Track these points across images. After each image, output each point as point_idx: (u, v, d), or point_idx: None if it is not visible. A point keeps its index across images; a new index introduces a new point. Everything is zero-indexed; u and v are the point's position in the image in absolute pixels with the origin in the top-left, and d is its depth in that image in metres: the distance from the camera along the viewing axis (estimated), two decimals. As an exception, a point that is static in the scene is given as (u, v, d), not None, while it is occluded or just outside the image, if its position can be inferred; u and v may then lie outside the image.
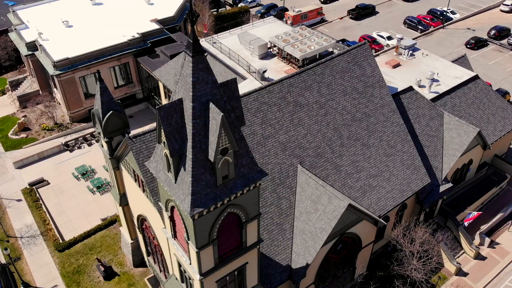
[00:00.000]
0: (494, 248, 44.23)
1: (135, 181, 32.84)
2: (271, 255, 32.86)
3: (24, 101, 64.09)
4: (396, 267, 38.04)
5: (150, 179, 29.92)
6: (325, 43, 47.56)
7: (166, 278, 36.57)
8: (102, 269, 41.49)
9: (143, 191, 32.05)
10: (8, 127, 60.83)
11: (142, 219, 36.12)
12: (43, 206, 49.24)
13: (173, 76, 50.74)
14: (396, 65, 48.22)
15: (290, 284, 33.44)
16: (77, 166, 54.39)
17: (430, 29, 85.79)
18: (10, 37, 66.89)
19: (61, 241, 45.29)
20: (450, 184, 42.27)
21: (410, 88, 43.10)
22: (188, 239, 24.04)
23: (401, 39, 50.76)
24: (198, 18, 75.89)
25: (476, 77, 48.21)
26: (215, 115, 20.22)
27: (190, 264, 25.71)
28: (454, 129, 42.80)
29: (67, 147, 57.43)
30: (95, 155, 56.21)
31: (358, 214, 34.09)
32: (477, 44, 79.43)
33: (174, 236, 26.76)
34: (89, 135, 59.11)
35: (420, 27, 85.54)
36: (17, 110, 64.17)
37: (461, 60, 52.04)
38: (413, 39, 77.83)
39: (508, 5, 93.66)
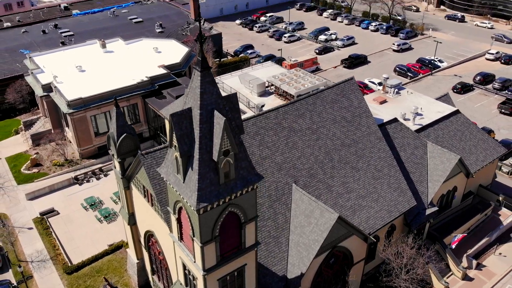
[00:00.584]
0: (481, 270, 46.57)
1: (144, 197, 36.13)
2: (268, 265, 35.55)
3: (37, 139, 68.10)
4: (385, 279, 40.45)
5: (159, 190, 33.29)
6: (317, 82, 52.23)
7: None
8: (109, 288, 43.82)
9: (152, 205, 35.26)
10: (21, 163, 64.52)
11: (149, 235, 39.00)
12: (53, 233, 51.98)
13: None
14: (383, 102, 52.65)
15: (286, 293, 35.88)
16: (85, 197, 57.57)
17: (419, 76, 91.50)
18: (25, 81, 72.27)
19: (69, 264, 47.75)
20: (436, 208, 45.42)
21: (395, 120, 47.23)
22: (194, 236, 27.10)
23: (387, 78, 55.57)
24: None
25: (457, 112, 52.52)
26: (219, 120, 24.06)
27: (195, 262, 28.57)
28: (438, 157, 46.45)
29: (77, 180, 60.83)
30: (103, 188, 59.49)
31: (347, 228, 37.09)
32: (463, 88, 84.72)
33: (180, 238, 29.78)
34: (97, 169, 62.66)
35: (409, 74, 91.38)
36: (30, 148, 68.08)
37: (444, 98, 56.54)
38: (403, 85, 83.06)
39: (493, 54, 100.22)
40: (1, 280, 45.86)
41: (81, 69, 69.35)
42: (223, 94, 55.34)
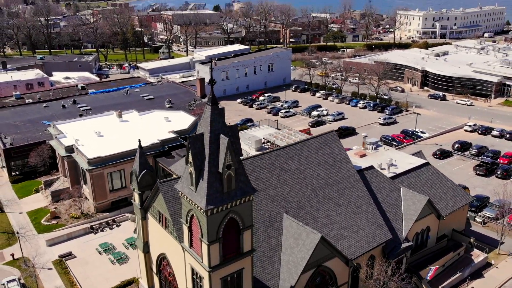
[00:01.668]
0: (455, 301, 52.06)
1: (159, 222, 43.20)
2: (263, 280, 41.66)
3: (56, 195, 75.50)
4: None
5: (173, 212, 40.51)
6: (306, 138, 60.93)
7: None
8: (122, 314, 49.07)
9: (166, 227, 42.24)
10: (41, 216, 71.44)
11: (161, 259, 45.38)
12: (70, 272, 57.77)
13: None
14: (363, 155, 61.04)
15: (278, 305, 41.60)
16: (100, 243, 63.90)
17: (403, 145, 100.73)
18: (47, 146, 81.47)
19: (86, 297, 53.28)
20: (411, 243, 51.92)
21: (371, 167, 55.27)
22: (202, 237, 34.06)
23: (366, 136, 64.45)
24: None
25: (427, 164, 60.68)
26: (224, 140, 32.26)
27: (202, 262, 35.17)
28: (410, 199, 53.83)
29: (92, 229, 67.47)
30: (116, 236, 65.96)
31: (329, 249, 43.67)
32: (442, 154, 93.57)
33: (191, 245, 36.60)
34: (111, 220, 69.47)
35: (394, 143, 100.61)
36: (49, 204, 75.26)
37: (418, 155, 64.95)
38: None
39: (471, 126, 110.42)
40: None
41: (100, 134, 78.59)
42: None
